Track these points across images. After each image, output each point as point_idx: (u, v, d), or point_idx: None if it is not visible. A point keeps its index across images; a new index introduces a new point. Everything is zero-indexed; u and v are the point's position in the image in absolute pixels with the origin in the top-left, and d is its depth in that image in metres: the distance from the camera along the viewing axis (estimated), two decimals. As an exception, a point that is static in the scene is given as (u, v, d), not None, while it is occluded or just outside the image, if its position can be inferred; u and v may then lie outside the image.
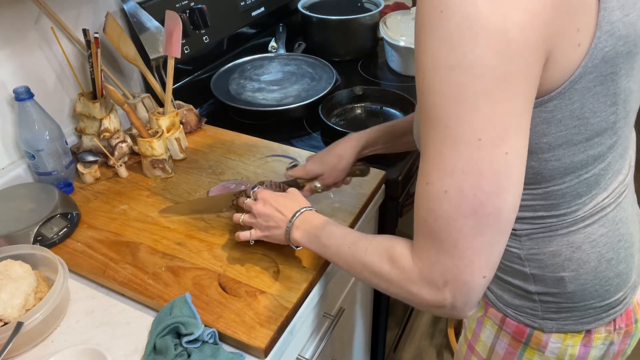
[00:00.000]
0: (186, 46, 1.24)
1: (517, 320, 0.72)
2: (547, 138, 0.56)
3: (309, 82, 1.34)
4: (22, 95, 0.94)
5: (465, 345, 0.84)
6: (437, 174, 0.51)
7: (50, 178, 1.01)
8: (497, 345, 0.77)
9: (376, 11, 1.51)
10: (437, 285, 0.54)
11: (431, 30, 0.48)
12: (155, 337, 0.71)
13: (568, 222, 0.64)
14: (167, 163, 1.04)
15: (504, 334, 0.75)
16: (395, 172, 1.07)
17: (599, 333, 0.70)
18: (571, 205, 0.63)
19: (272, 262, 0.84)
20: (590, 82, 0.53)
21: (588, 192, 0.63)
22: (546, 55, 0.49)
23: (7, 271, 0.77)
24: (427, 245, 0.54)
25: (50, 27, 1.02)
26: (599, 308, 0.69)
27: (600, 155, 0.60)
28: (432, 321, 1.92)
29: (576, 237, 0.65)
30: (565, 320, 0.70)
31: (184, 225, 0.93)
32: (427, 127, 0.51)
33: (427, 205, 0.53)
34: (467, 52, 0.46)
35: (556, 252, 0.66)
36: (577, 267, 0.66)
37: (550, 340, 0.71)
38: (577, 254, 0.66)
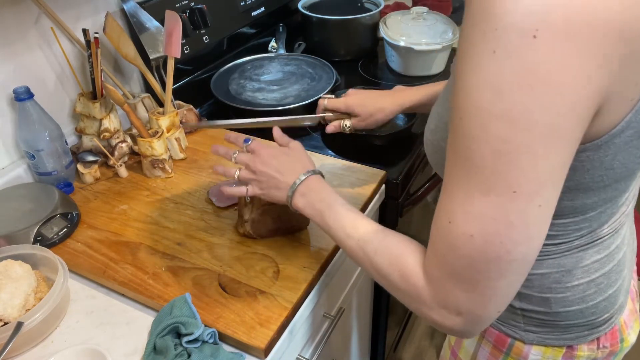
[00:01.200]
0: (186, 46, 1.24)
1: (499, 330, 0.71)
2: (569, 183, 0.54)
3: (309, 82, 1.34)
4: (22, 95, 0.94)
5: (449, 351, 0.83)
6: (463, 216, 0.48)
7: (50, 178, 1.01)
8: (479, 353, 0.76)
9: (376, 11, 1.51)
10: (450, 312, 0.53)
11: (478, 69, 0.43)
12: (155, 337, 0.71)
13: (562, 248, 0.63)
14: (167, 163, 1.04)
15: (486, 342, 0.74)
16: (395, 172, 1.07)
17: (582, 351, 0.69)
18: (570, 237, 0.62)
19: (272, 262, 0.84)
20: (629, 136, 0.50)
21: (589, 227, 0.62)
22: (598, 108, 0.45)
23: (7, 271, 0.77)
24: (444, 276, 0.52)
25: (50, 27, 1.02)
26: (582, 327, 0.67)
27: (610, 199, 0.59)
28: (432, 321, 1.92)
29: (567, 260, 0.63)
30: (547, 335, 0.68)
31: (184, 225, 0.93)
32: (458, 168, 0.48)
33: (448, 243, 0.50)
34: (516, 103, 0.42)
35: (545, 274, 0.64)
36: (564, 290, 0.65)
37: (531, 352, 0.70)
38: (567, 278, 0.64)
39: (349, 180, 1.02)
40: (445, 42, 1.38)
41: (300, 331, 0.83)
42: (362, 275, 1.12)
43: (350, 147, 1.15)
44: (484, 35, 0.42)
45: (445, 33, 1.42)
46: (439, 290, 0.53)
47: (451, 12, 1.75)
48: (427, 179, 1.24)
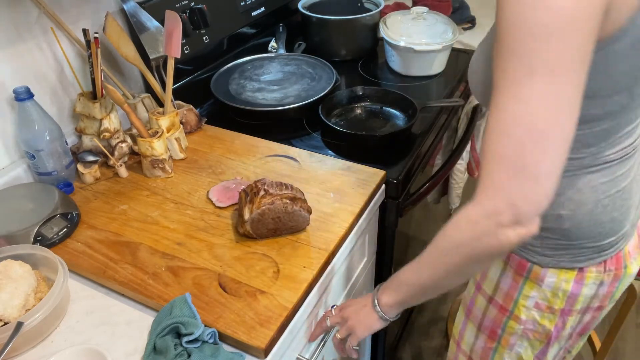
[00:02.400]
0: (186, 46, 1.24)
1: (520, 256, 0.81)
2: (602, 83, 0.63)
3: (309, 82, 1.34)
4: (22, 95, 0.94)
5: (474, 286, 0.92)
6: (512, 101, 0.56)
7: (50, 178, 1.01)
8: (502, 281, 0.85)
9: (376, 11, 1.51)
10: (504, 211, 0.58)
11: None
12: (155, 337, 0.71)
13: (574, 167, 0.71)
14: (167, 163, 1.04)
15: (509, 269, 0.83)
16: (395, 172, 1.07)
17: (590, 272, 0.78)
18: (579, 153, 0.70)
19: (272, 262, 0.84)
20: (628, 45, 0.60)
21: (596, 144, 0.69)
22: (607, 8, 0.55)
23: (7, 271, 0.77)
24: (494, 172, 0.59)
25: (50, 27, 1.02)
26: (591, 248, 0.77)
27: (613, 113, 0.66)
28: (432, 321, 1.92)
29: (579, 181, 0.72)
30: (560, 257, 0.78)
31: (184, 225, 0.93)
32: (504, 62, 0.56)
33: (499, 131, 0.58)
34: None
35: (559, 192, 0.72)
36: (575, 207, 0.74)
37: (547, 275, 0.80)
38: (577, 196, 0.73)
39: (349, 180, 1.02)
40: (445, 42, 1.38)
41: (300, 331, 0.83)
42: (362, 275, 1.12)
43: (350, 147, 1.15)
44: None
45: (445, 33, 1.42)
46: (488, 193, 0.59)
47: (451, 12, 1.75)
48: (427, 179, 1.24)
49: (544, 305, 0.82)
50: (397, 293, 0.79)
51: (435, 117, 1.25)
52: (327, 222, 0.92)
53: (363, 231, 1.01)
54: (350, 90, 1.30)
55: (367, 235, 1.07)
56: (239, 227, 0.89)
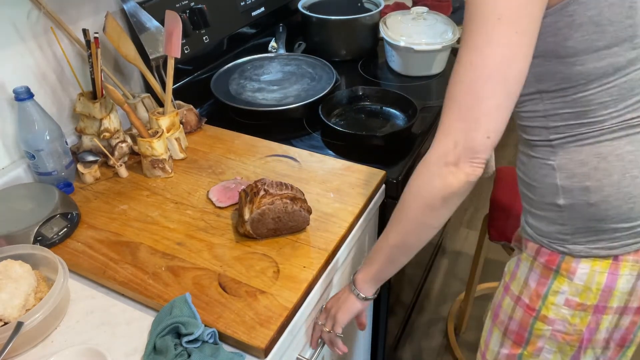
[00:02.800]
0: (186, 46, 1.24)
1: (550, 248, 0.77)
2: (571, 42, 0.65)
3: (309, 82, 1.34)
4: (22, 95, 0.94)
5: (502, 289, 0.88)
6: (466, 50, 0.63)
7: (50, 178, 1.01)
8: (529, 278, 0.81)
9: (376, 11, 1.51)
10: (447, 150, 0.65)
11: None
12: (155, 337, 0.71)
13: (596, 131, 0.70)
14: (167, 163, 1.04)
15: (538, 265, 0.79)
16: (395, 172, 1.07)
17: (627, 261, 0.73)
18: (597, 115, 0.69)
19: (272, 262, 0.84)
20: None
21: (613, 104, 0.68)
22: None
23: (7, 271, 0.77)
24: (445, 116, 0.65)
25: (50, 27, 1.02)
26: (625, 232, 0.72)
27: (621, 67, 0.66)
28: (432, 321, 1.92)
29: (603, 148, 0.70)
30: (593, 244, 0.73)
31: (184, 225, 0.93)
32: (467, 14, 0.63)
33: (454, 78, 0.64)
34: None
35: (584, 161, 0.71)
36: (601, 177, 0.70)
37: (579, 267, 0.74)
38: (603, 164, 0.70)
39: (349, 180, 1.02)
40: (445, 42, 1.38)
41: (300, 331, 0.83)
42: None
43: (350, 147, 1.15)
44: None
45: (445, 33, 1.42)
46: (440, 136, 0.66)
47: (451, 12, 1.75)
48: (427, 179, 1.24)
49: (574, 302, 0.76)
50: (370, 266, 0.82)
51: (435, 117, 1.25)
52: (327, 222, 0.92)
53: (363, 231, 1.01)
54: (350, 90, 1.30)
55: (367, 236, 1.07)
56: (239, 227, 0.89)
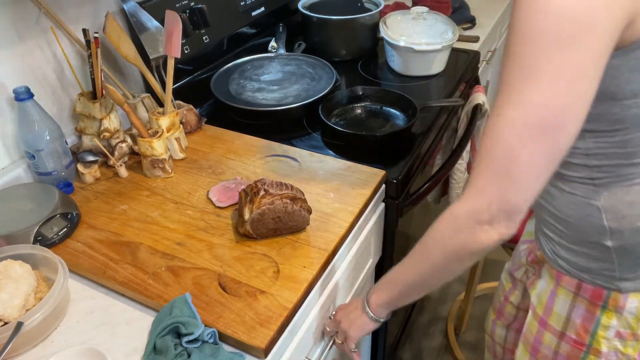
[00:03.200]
0: (186, 46, 1.24)
1: (594, 284, 0.74)
2: (632, 85, 0.61)
3: (309, 82, 1.34)
4: (22, 95, 0.94)
5: (537, 323, 0.85)
6: (510, 105, 0.57)
7: (50, 178, 1.01)
8: (573, 314, 0.79)
9: (376, 11, 1.51)
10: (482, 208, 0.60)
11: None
12: (155, 337, 0.71)
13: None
14: (167, 163, 1.04)
15: (581, 300, 0.77)
16: (395, 172, 1.07)
17: None
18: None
19: (272, 262, 0.84)
20: None
21: None
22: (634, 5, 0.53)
23: (7, 271, 0.77)
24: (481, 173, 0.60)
25: (50, 27, 1.02)
26: None
27: None
28: (432, 321, 1.92)
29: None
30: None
31: (184, 225, 0.93)
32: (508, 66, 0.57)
33: (492, 134, 0.59)
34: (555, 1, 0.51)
35: (634, 202, 0.68)
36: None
37: (627, 301, 0.73)
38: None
39: (349, 180, 1.02)
40: (445, 42, 1.38)
41: (300, 331, 0.83)
42: (363, 276, 1.12)
43: (350, 147, 1.15)
44: None
45: (445, 33, 1.42)
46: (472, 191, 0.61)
47: (451, 12, 1.75)
48: (427, 179, 1.24)
49: (626, 334, 0.75)
50: (386, 292, 0.80)
51: (435, 117, 1.25)
52: (327, 222, 0.92)
53: (362, 231, 1.01)
54: (350, 90, 1.30)
55: (372, 237, 1.06)
56: (239, 227, 0.89)
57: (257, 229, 0.87)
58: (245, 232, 0.87)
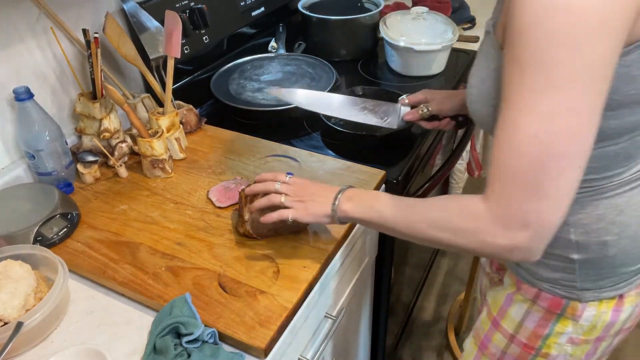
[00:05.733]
0: (186, 46, 1.24)
1: (554, 294, 0.74)
2: (618, 96, 0.57)
3: (309, 82, 1.34)
4: (22, 95, 0.94)
5: (489, 322, 0.85)
6: (528, 118, 0.52)
7: (50, 178, 1.01)
8: (526, 320, 0.79)
9: (376, 11, 1.51)
10: (515, 227, 0.56)
11: None
12: (155, 337, 0.71)
13: (614, 184, 0.66)
14: (167, 163, 1.04)
15: (537, 309, 0.77)
16: (395, 172, 1.07)
17: (630, 297, 0.74)
18: (619, 166, 0.65)
19: (272, 262, 0.84)
20: None
21: (636, 154, 0.65)
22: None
23: (7, 271, 0.77)
24: (508, 189, 0.56)
25: (50, 27, 1.02)
26: (632, 272, 0.72)
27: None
28: (432, 321, 1.92)
29: (620, 200, 0.67)
30: (601, 289, 0.72)
31: (184, 225, 0.93)
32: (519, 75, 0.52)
33: (513, 150, 0.54)
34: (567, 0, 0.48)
35: (602, 216, 0.68)
36: (619, 231, 0.68)
37: (585, 310, 0.74)
38: (621, 218, 0.67)
39: (349, 180, 1.02)
40: (445, 42, 1.38)
41: (300, 331, 0.83)
42: (362, 275, 1.12)
43: (350, 147, 1.15)
44: None
45: (445, 33, 1.42)
46: (503, 206, 0.56)
47: (451, 12, 1.75)
48: (427, 179, 1.24)
49: (578, 339, 0.77)
50: (362, 211, 0.75)
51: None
52: (327, 222, 0.92)
53: (364, 231, 1.01)
54: (350, 90, 1.30)
55: (367, 236, 1.07)
56: (239, 227, 0.89)
57: (257, 229, 0.87)
58: (245, 232, 0.87)
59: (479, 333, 0.89)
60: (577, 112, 0.51)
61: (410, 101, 1.04)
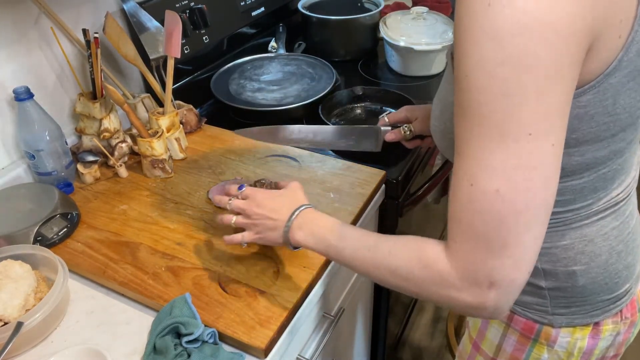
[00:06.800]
0: (186, 46, 1.24)
1: (526, 317, 0.72)
2: (577, 134, 0.56)
3: (309, 82, 1.34)
4: (22, 95, 0.94)
5: (470, 345, 0.84)
6: (485, 174, 0.49)
7: (50, 178, 1.01)
8: (504, 343, 0.77)
9: (376, 11, 1.51)
10: (482, 286, 0.52)
11: (477, 24, 0.47)
12: (155, 337, 0.71)
13: (582, 215, 0.64)
14: (167, 163, 1.04)
15: (512, 331, 0.75)
16: (395, 172, 1.07)
17: (607, 325, 0.71)
18: (587, 199, 0.63)
19: (272, 262, 0.84)
20: (624, 76, 0.53)
21: (604, 186, 0.63)
22: (590, 45, 0.49)
23: (7, 271, 0.77)
24: (471, 247, 0.52)
25: (50, 27, 1.01)
26: (607, 300, 0.69)
27: (620, 150, 0.61)
28: (432, 321, 1.92)
29: (589, 230, 0.65)
30: (574, 315, 0.70)
31: (184, 225, 0.93)
32: (470, 126, 0.49)
33: (474, 207, 0.51)
34: (516, 46, 0.45)
35: (569, 246, 0.66)
36: (588, 261, 0.66)
37: (559, 335, 0.71)
38: (590, 247, 0.65)
39: (349, 180, 1.02)
40: (445, 42, 1.38)
41: (300, 331, 0.83)
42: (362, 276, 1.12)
43: (350, 147, 1.15)
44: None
45: (445, 33, 1.42)
46: (468, 265, 0.52)
47: (451, 12, 1.75)
48: (427, 179, 1.24)
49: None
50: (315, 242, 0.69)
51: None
52: (327, 222, 0.92)
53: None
54: (350, 90, 1.30)
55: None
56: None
57: None
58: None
59: (462, 355, 0.88)
60: (534, 165, 0.48)
61: (390, 120, 1.00)
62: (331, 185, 1.01)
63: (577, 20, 0.46)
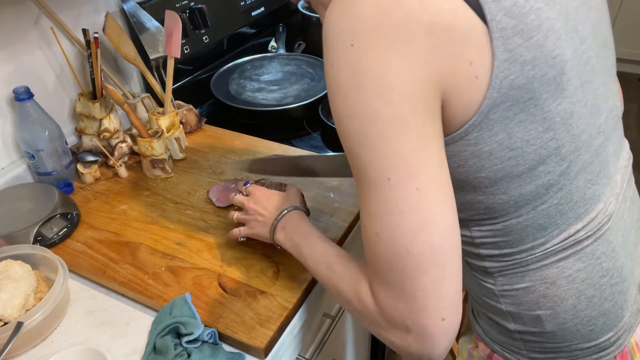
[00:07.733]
0: (186, 46, 1.24)
1: (504, 357, 0.69)
2: (485, 172, 0.55)
3: (309, 82, 1.34)
4: (22, 95, 0.94)
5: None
6: (367, 218, 0.52)
7: (50, 178, 1.01)
8: None
9: (376, 11, 1.51)
10: (401, 330, 0.52)
11: (329, 83, 0.52)
12: (155, 337, 0.71)
13: (538, 255, 0.61)
14: (167, 163, 1.04)
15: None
16: (395, 172, 1.07)
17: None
18: (536, 238, 0.60)
19: (272, 262, 0.84)
20: (507, 110, 0.51)
21: (553, 223, 0.59)
22: (440, 91, 0.49)
23: (7, 271, 0.77)
24: (381, 287, 0.53)
25: (50, 27, 1.02)
26: (586, 349, 0.64)
27: (553, 183, 0.57)
28: (432, 321, 1.91)
29: (549, 271, 0.61)
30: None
31: (184, 225, 0.93)
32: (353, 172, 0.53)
33: (369, 249, 0.53)
34: (356, 101, 0.48)
35: (530, 289, 0.62)
36: (553, 305, 0.62)
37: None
38: (552, 290, 0.62)
39: (349, 180, 1.02)
40: (445, 42, 1.38)
41: (300, 331, 0.83)
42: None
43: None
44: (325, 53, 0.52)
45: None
46: (384, 306, 0.53)
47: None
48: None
49: None
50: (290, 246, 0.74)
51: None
52: (327, 222, 0.92)
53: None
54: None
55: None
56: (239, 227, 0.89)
57: None
58: (245, 232, 0.87)
59: None
60: (401, 209, 0.49)
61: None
62: (331, 185, 1.01)
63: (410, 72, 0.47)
